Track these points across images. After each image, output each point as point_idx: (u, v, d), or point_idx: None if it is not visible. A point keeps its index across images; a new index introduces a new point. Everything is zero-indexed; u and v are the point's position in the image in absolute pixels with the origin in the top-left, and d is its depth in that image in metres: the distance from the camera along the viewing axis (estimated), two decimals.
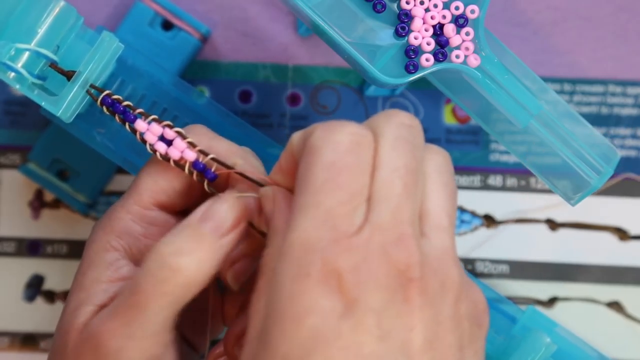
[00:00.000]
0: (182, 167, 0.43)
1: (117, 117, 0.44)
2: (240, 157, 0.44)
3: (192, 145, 0.43)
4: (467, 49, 0.47)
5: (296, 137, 0.41)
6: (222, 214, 0.41)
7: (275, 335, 0.36)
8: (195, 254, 0.40)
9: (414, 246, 0.37)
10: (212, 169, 0.43)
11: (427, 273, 0.37)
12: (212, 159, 0.43)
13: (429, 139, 0.58)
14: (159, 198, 0.44)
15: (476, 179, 0.58)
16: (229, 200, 0.42)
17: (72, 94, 0.44)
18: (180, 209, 0.45)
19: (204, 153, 0.43)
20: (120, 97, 0.44)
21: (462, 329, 0.38)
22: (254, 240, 0.44)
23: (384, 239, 0.37)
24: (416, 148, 0.39)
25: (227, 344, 0.44)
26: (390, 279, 0.36)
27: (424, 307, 0.37)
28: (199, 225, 0.41)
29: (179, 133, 0.43)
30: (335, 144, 0.38)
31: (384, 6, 0.46)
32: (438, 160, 0.40)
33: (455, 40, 0.47)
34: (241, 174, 0.42)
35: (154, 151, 0.43)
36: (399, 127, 0.39)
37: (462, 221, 0.58)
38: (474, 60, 0.47)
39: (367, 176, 0.38)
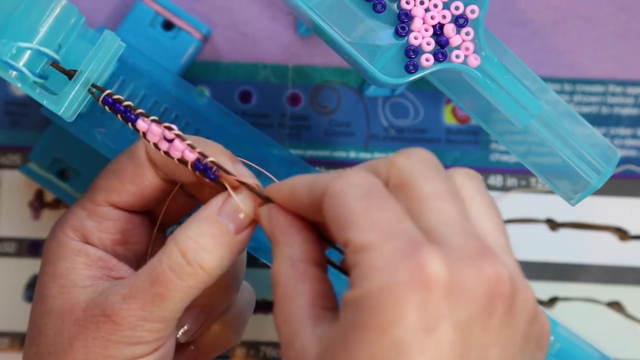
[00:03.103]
0: (186, 164, 0.43)
1: (119, 116, 0.44)
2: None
3: (191, 147, 0.43)
4: (467, 49, 0.47)
5: (301, 183, 0.40)
6: (241, 209, 0.42)
7: (357, 344, 0.35)
8: (218, 250, 0.41)
9: (501, 259, 0.36)
10: (212, 170, 0.43)
11: (514, 289, 0.36)
12: (212, 162, 0.43)
13: (429, 139, 0.58)
14: (111, 197, 0.45)
15: None
16: (247, 196, 0.42)
17: (73, 93, 0.44)
18: (135, 209, 0.46)
19: (203, 155, 0.43)
20: (121, 97, 0.44)
21: (530, 350, 0.37)
22: (208, 290, 0.44)
23: (468, 253, 0.36)
24: (447, 176, 0.38)
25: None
26: (480, 293, 0.35)
27: (504, 325, 0.36)
28: (218, 220, 0.42)
29: (178, 136, 0.43)
30: (357, 184, 0.37)
31: (384, 6, 0.46)
32: (475, 182, 0.39)
33: (455, 40, 0.47)
34: (242, 183, 0.42)
35: (158, 149, 0.43)
36: (422, 161, 0.38)
37: None
38: (474, 60, 0.47)
39: (399, 207, 0.37)
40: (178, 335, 0.45)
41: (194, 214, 0.42)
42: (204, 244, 0.41)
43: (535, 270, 0.58)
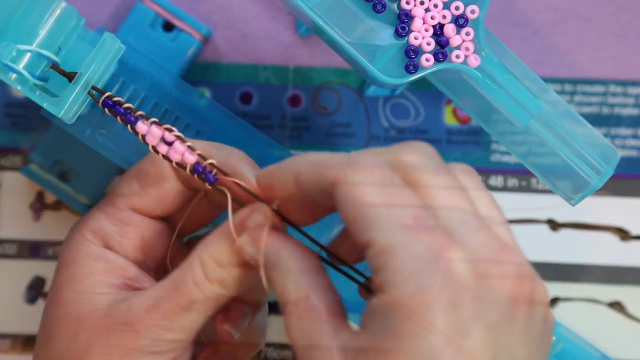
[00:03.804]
0: (184, 168, 0.43)
1: (119, 119, 0.44)
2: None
3: (191, 149, 0.43)
4: (467, 49, 0.47)
5: (306, 171, 0.39)
6: (260, 225, 0.41)
7: (390, 352, 0.35)
8: (236, 268, 0.41)
9: (520, 256, 0.36)
10: (213, 173, 0.43)
11: (534, 285, 0.36)
12: (211, 164, 0.43)
13: (430, 140, 0.58)
14: (133, 202, 0.45)
15: None
16: (267, 212, 0.41)
17: (73, 95, 0.44)
18: (156, 214, 0.45)
19: (203, 157, 0.43)
20: (121, 99, 0.44)
21: (544, 347, 0.37)
22: (245, 283, 0.43)
23: (490, 251, 0.36)
24: (450, 172, 0.38)
25: (217, 322, 0.45)
26: (506, 292, 0.35)
27: (527, 323, 0.36)
28: (236, 237, 0.41)
29: (178, 137, 0.43)
30: (373, 176, 0.37)
31: (384, 6, 0.46)
32: (473, 178, 0.39)
33: (455, 40, 0.47)
34: (239, 184, 0.42)
35: (157, 152, 0.43)
36: (429, 156, 0.38)
37: None
38: (474, 60, 0.47)
39: (417, 201, 0.36)
40: (233, 332, 0.45)
41: (217, 228, 0.42)
42: (227, 261, 0.41)
43: (536, 271, 0.58)
